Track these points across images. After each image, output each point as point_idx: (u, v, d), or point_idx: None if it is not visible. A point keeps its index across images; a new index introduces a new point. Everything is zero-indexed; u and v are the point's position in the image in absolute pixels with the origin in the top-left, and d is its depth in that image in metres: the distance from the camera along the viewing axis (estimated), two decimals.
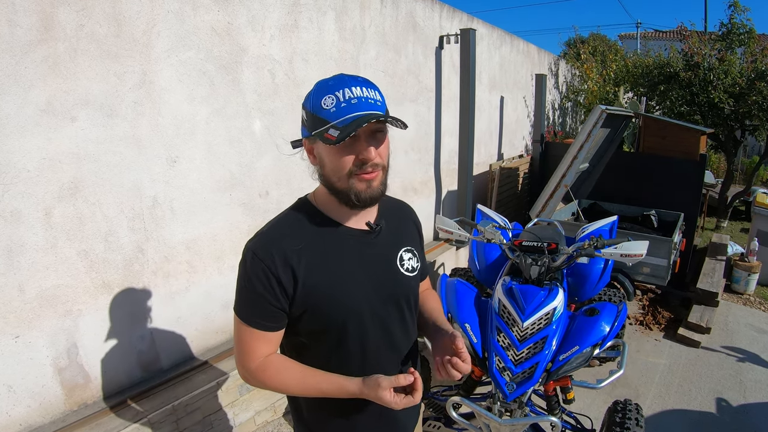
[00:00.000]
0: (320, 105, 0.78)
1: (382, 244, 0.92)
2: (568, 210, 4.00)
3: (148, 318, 1.85)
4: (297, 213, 0.89)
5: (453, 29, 3.58)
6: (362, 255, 0.89)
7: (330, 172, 0.82)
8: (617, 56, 7.28)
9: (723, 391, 2.59)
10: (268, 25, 2.16)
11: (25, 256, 1.49)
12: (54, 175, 1.53)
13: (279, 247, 0.82)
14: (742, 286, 3.92)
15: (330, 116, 0.77)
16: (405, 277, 0.95)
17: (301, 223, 0.87)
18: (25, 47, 1.43)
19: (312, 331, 0.87)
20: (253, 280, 0.82)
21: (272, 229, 0.87)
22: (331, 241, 0.86)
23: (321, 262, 0.84)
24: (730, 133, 5.67)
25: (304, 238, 0.85)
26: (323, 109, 0.77)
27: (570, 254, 1.87)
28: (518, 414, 1.66)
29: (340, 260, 0.86)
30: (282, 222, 0.88)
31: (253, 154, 2.17)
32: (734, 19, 5.52)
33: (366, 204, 0.83)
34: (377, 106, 0.80)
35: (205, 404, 1.83)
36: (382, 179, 0.84)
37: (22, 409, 1.53)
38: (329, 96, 0.78)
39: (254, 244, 0.84)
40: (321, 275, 0.84)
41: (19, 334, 1.50)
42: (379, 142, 0.81)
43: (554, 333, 1.68)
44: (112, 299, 1.73)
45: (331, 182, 0.83)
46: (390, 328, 0.93)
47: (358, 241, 0.89)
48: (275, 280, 0.81)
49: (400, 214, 1.02)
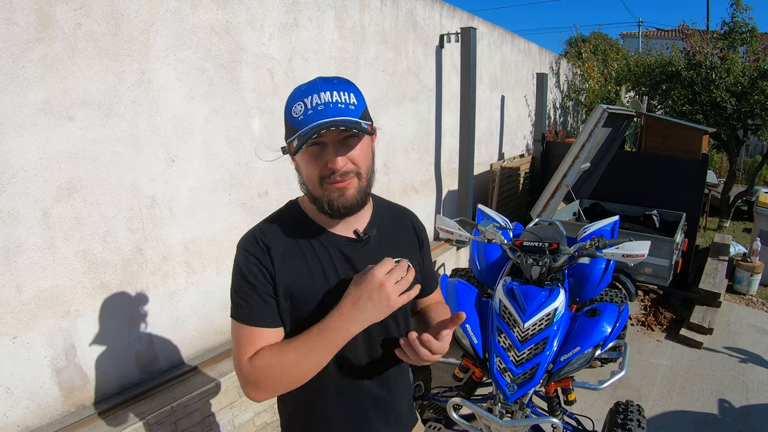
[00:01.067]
0: (291, 113, 0.77)
1: (369, 253, 0.87)
2: (570, 210, 3.99)
3: (146, 319, 1.84)
4: (285, 215, 0.89)
5: (453, 28, 3.57)
6: (344, 264, 0.85)
7: (306, 181, 0.81)
8: (619, 55, 7.26)
9: (725, 393, 2.58)
10: (267, 23, 2.15)
11: (23, 257, 1.48)
12: (52, 174, 1.52)
13: (265, 243, 0.83)
14: (744, 287, 3.91)
15: (298, 124, 0.75)
16: None
17: (287, 225, 0.86)
18: (23, 46, 1.42)
19: (290, 330, 0.84)
20: (246, 275, 0.81)
21: (260, 228, 0.87)
22: (314, 247, 0.84)
23: (299, 268, 0.83)
24: (733, 133, 5.65)
25: (289, 241, 0.84)
26: (293, 117, 0.76)
27: (571, 254, 1.87)
28: (519, 415, 1.66)
29: (320, 267, 0.83)
30: (269, 223, 0.88)
31: (252, 154, 2.16)
32: (736, 18, 5.50)
33: (341, 213, 0.80)
34: (348, 110, 0.75)
35: (204, 406, 1.82)
36: (359, 186, 0.80)
37: (20, 411, 1.52)
38: (299, 103, 0.76)
39: (244, 242, 0.85)
40: (299, 279, 0.82)
41: (17, 335, 1.49)
42: (349, 148, 0.77)
43: (555, 334, 1.68)
44: (111, 300, 1.72)
45: (308, 189, 0.82)
46: (370, 341, 0.88)
47: (341, 249, 0.85)
48: (267, 272, 0.81)
49: (398, 223, 0.96)
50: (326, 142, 0.76)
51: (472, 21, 3.84)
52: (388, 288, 0.73)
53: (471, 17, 3.85)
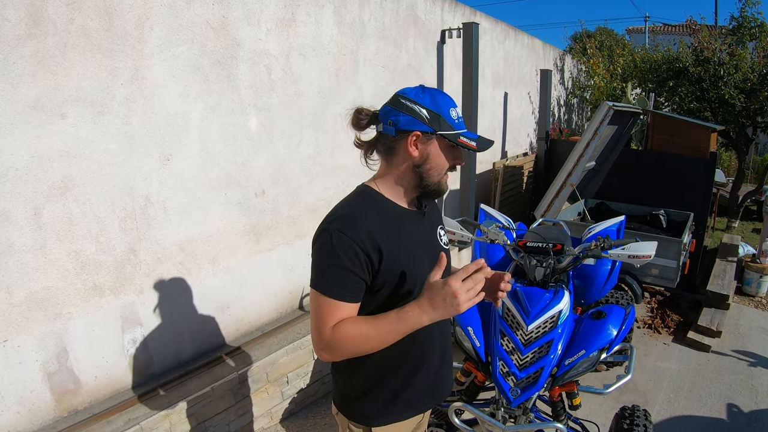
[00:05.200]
0: (448, 113, 0.96)
1: (429, 222, 1.11)
2: (574, 210, 3.94)
3: (140, 321, 1.81)
4: (366, 197, 1.01)
5: (455, 23, 3.52)
6: (419, 231, 1.06)
7: (433, 167, 0.99)
8: (625, 51, 7.17)
9: (734, 397, 2.54)
10: (264, 19, 2.11)
11: (13, 258, 1.46)
12: (43, 173, 1.50)
13: (364, 225, 0.94)
14: (753, 288, 3.84)
15: (455, 126, 0.97)
16: (444, 249, 1.12)
17: (373, 205, 1.00)
18: (14, 42, 1.39)
19: (388, 298, 0.99)
20: (341, 255, 0.92)
21: (352, 210, 0.98)
22: (398, 221, 1.01)
23: (396, 237, 0.98)
24: (742, 130, 5.56)
25: (380, 218, 0.98)
26: (451, 117, 0.96)
27: (576, 255, 1.84)
28: (522, 420, 1.63)
29: (407, 236, 1.01)
30: (357, 205, 1.00)
31: (249, 152, 2.13)
32: (745, 13, 5.41)
33: (439, 194, 1.03)
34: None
35: (200, 410, 1.79)
36: None
37: (11, 415, 1.49)
38: (453, 109, 0.97)
39: (339, 224, 0.94)
40: (398, 249, 0.97)
41: (8, 338, 1.47)
42: None
43: (560, 337, 1.64)
44: (104, 302, 1.69)
45: (427, 175, 0.99)
46: None
47: (414, 220, 1.06)
48: (364, 255, 0.92)
49: (434, 204, 1.20)
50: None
51: (474, 16, 3.80)
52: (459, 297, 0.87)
53: (473, 12, 3.80)
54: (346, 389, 1.10)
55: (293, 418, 2.22)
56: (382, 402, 1.07)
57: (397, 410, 1.08)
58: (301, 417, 2.24)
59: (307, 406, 2.30)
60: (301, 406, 2.28)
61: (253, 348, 2.11)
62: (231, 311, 2.16)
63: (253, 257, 2.22)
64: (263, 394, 2.06)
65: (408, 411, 1.09)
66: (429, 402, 1.14)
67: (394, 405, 1.07)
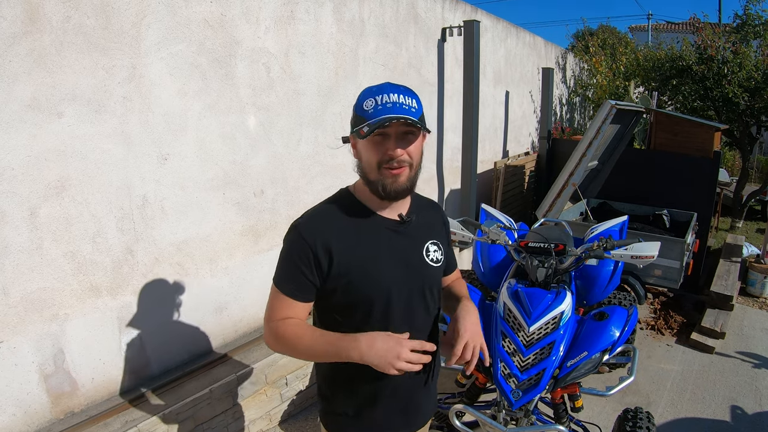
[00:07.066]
0: (362, 106, 0.93)
1: (412, 234, 1.04)
2: (577, 210, 3.92)
3: (137, 322, 1.80)
4: (339, 200, 1.02)
5: (456, 21, 3.50)
6: (392, 242, 1.01)
7: (365, 165, 0.95)
8: (627, 49, 7.13)
9: (738, 399, 2.52)
10: (263, 16, 2.09)
11: (9, 258, 1.45)
12: (39, 173, 1.49)
13: (320, 228, 0.95)
14: (758, 289, 3.82)
15: (367, 116, 0.91)
16: (430, 267, 1.05)
17: (341, 209, 1.00)
18: (9, 40, 1.38)
19: (344, 306, 0.98)
20: (292, 252, 0.95)
21: (317, 212, 1.00)
22: (366, 227, 0.99)
23: (356, 244, 0.96)
24: (746, 130, 5.53)
25: (343, 223, 0.97)
26: (364, 109, 0.92)
27: (578, 256, 1.82)
28: (524, 422, 1.62)
29: (372, 244, 0.98)
30: (326, 207, 1.01)
31: (248, 152, 2.11)
32: (749, 10, 5.39)
33: (392, 196, 0.95)
34: (410, 111, 0.91)
35: (198, 412, 1.78)
36: (410, 176, 0.95)
37: (6, 418, 1.48)
38: (370, 99, 0.92)
39: (300, 223, 0.97)
40: (354, 256, 0.96)
41: (3, 339, 1.46)
42: (408, 143, 0.93)
43: (562, 338, 1.63)
44: (101, 303, 1.68)
45: (365, 173, 0.96)
46: (413, 311, 1.03)
47: (389, 229, 1.01)
48: (312, 256, 0.93)
49: (431, 211, 1.15)
50: (390, 133, 0.91)
51: (475, 14, 3.77)
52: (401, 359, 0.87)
53: (474, 10, 3.78)
54: (318, 394, 1.11)
55: (292, 420, 2.21)
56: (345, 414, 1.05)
57: (363, 427, 1.05)
58: (300, 419, 2.23)
59: (306, 408, 2.29)
60: (300, 408, 2.26)
61: (252, 349, 2.09)
62: (229, 312, 2.15)
63: (252, 258, 2.20)
64: (262, 396, 2.04)
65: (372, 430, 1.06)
66: (401, 427, 1.09)
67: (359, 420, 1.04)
